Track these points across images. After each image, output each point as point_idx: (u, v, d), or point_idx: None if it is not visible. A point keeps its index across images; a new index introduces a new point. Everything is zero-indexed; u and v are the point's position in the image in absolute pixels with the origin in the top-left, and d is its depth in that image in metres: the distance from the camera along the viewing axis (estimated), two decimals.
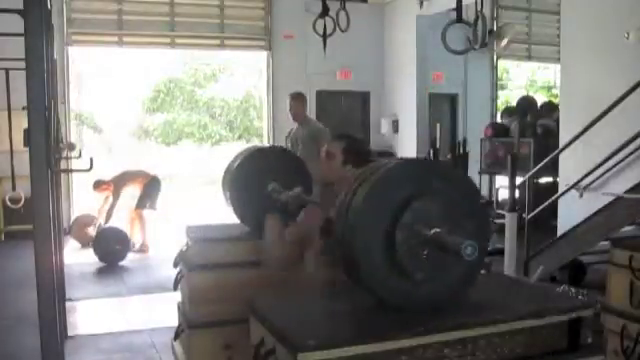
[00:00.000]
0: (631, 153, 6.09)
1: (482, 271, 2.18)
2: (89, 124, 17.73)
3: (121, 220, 8.09)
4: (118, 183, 7.90)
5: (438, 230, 1.87)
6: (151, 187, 7.98)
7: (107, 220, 7.89)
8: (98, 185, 7.99)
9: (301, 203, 3.07)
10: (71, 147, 7.07)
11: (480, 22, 5.29)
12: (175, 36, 9.90)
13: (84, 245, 8.03)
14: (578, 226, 5.80)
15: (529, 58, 12.38)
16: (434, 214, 1.90)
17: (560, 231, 6.60)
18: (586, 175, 6.24)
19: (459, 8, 5.16)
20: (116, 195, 7.88)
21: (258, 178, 3.31)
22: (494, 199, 9.45)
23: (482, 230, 2.01)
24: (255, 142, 17.64)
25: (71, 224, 8.51)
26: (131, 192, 7.97)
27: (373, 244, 1.87)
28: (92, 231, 7.87)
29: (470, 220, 1.95)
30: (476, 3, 5.47)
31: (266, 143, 10.60)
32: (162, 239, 7.99)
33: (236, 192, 3.37)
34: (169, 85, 18.77)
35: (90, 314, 5.50)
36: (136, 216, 7.98)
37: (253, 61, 11.59)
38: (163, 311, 5.04)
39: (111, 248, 7.37)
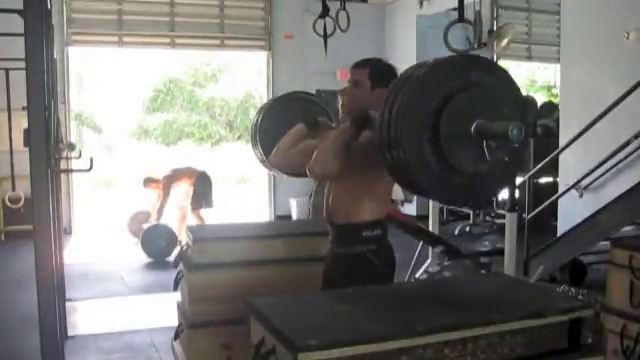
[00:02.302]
0: (631, 153, 6.09)
1: (482, 271, 2.20)
2: (89, 124, 17.73)
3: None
4: (168, 181, 7.98)
5: (481, 121, 1.97)
6: (202, 184, 8.05)
7: (159, 217, 7.95)
8: (148, 182, 8.12)
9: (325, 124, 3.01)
10: (71, 147, 7.07)
11: (479, 22, 5.29)
12: (175, 36, 9.90)
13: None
14: (578, 226, 5.80)
15: (529, 58, 12.37)
16: (476, 106, 2.00)
17: (560, 231, 6.60)
18: (586, 175, 6.24)
19: (461, 7, 5.16)
20: (166, 192, 7.96)
21: (284, 124, 3.27)
22: (494, 199, 9.44)
23: (525, 114, 2.13)
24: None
25: (128, 220, 8.59)
26: (181, 189, 8.05)
27: (420, 140, 1.96)
28: (146, 227, 7.94)
29: (511, 108, 2.05)
30: (474, 3, 5.48)
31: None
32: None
33: (265, 142, 3.42)
34: (169, 85, 18.77)
35: (90, 314, 5.50)
36: (195, 216, 8.02)
37: (253, 61, 11.60)
38: (163, 311, 5.04)
39: (157, 244, 7.53)
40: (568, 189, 6.51)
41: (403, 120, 1.99)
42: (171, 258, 7.28)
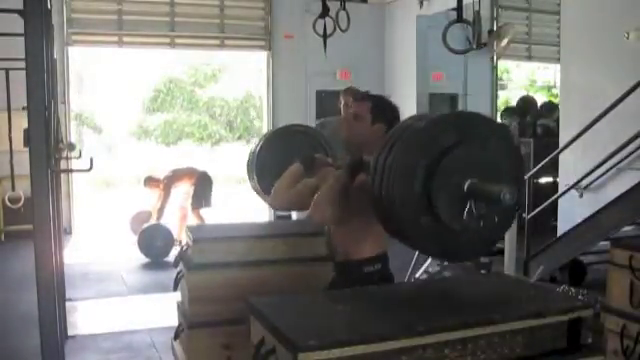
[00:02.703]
0: (631, 153, 6.09)
1: (482, 271, 2.20)
2: (89, 124, 17.74)
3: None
4: (169, 181, 7.99)
5: (474, 180, 1.96)
6: (202, 184, 8.05)
7: (159, 217, 7.95)
8: (149, 182, 8.12)
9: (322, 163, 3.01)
10: (71, 147, 7.07)
11: (478, 22, 5.29)
12: (175, 36, 9.90)
13: None
14: (578, 226, 5.80)
15: (529, 58, 12.37)
16: (471, 163, 1.98)
17: (560, 231, 6.60)
18: (586, 175, 6.24)
19: (460, 7, 5.16)
20: (167, 193, 7.97)
21: (282, 159, 3.30)
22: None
23: (517, 172, 2.11)
24: (255, 142, 17.62)
25: (130, 219, 8.61)
26: (182, 189, 8.06)
27: (411, 197, 1.95)
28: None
29: (504, 164, 2.05)
30: (473, 3, 5.47)
31: None
32: None
33: (261, 176, 3.47)
34: (169, 85, 18.78)
35: (90, 314, 5.50)
36: (195, 216, 8.02)
37: (253, 61, 11.59)
38: (163, 311, 5.04)
39: (154, 245, 7.54)
40: (568, 189, 6.51)
41: (396, 172, 1.97)
42: (169, 258, 7.35)
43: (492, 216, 2.00)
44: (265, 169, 3.50)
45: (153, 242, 7.59)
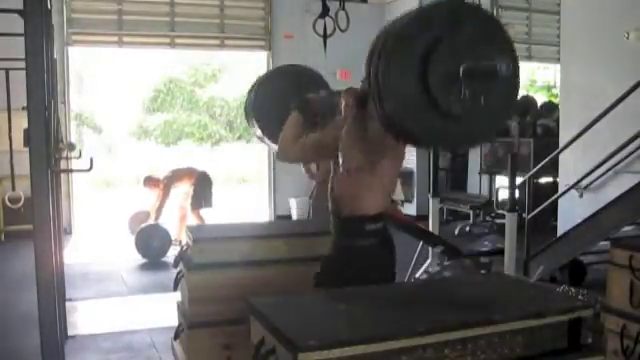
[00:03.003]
0: (631, 153, 6.09)
1: (482, 271, 2.21)
2: (89, 124, 17.74)
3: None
4: (168, 182, 7.97)
5: (469, 63, 2.00)
6: (202, 184, 8.04)
7: (157, 217, 7.94)
8: (148, 181, 8.10)
9: (327, 102, 3.06)
10: (71, 147, 7.07)
11: None
12: (175, 36, 9.90)
13: None
14: (578, 226, 5.79)
15: (529, 58, 12.35)
16: (462, 49, 2.01)
17: (560, 231, 6.60)
18: (586, 175, 6.24)
19: None
20: (166, 193, 7.95)
21: (280, 97, 3.39)
22: (494, 199, 9.46)
23: (507, 46, 2.14)
24: (255, 142, 17.66)
25: (129, 219, 8.62)
26: (182, 189, 8.04)
27: (408, 85, 2.00)
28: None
29: (496, 50, 2.08)
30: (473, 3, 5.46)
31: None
32: None
33: (260, 114, 3.50)
34: (169, 85, 18.77)
35: (90, 314, 5.50)
36: (195, 216, 8.01)
37: (253, 61, 11.59)
38: (163, 311, 5.04)
39: (151, 245, 7.52)
40: (568, 189, 6.51)
41: (391, 72, 2.03)
42: (166, 258, 7.35)
43: (492, 99, 2.04)
44: (263, 114, 3.52)
45: (150, 242, 7.56)
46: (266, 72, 3.65)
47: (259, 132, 3.60)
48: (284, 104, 3.22)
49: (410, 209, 10.06)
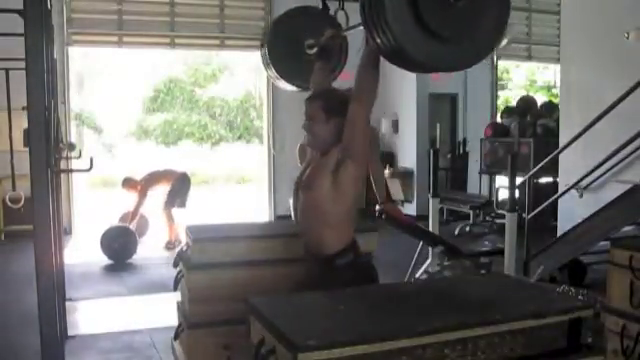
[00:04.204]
0: (631, 153, 6.09)
1: (482, 271, 2.20)
2: (89, 124, 17.74)
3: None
4: (146, 183, 7.97)
5: None
6: (179, 185, 8.03)
7: (132, 219, 7.93)
8: (127, 183, 8.08)
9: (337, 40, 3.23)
10: (71, 147, 7.07)
11: None
12: (175, 36, 9.89)
13: None
14: (578, 226, 5.80)
15: (529, 58, 12.37)
16: None
17: (560, 231, 6.60)
18: (586, 175, 6.24)
19: None
20: (142, 195, 7.94)
21: (295, 38, 3.51)
22: (494, 199, 9.47)
23: None
24: (255, 142, 17.66)
25: (118, 220, 8.54)
26: (162, 191, 8.03)
27: (403, 16, 2.06)
28: (132, 226, 7.90)
29: None
30: None
31: (266, 143, 10.58)
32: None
33: (276, 55, 3.63)
34: (169, 85, 18.78)
35: (90, 314, 5.50)
36: (164, 215, 8.03)
37: (253, 61, 11.58)
38: (163, 311, 5.04)
39: (116, 246, 7.47)
40: (568, 189, 6.51)
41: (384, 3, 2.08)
42: (131, 260, 7.33)
43: (482, 20, 2.10)
44: (276, 55, 3.63)
45: (112, 244, 7.48)
46: (276, 19, 3.79)
47: (273, 72, 3.74)
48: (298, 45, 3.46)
49: (410, 209, 10.07)
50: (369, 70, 2.55)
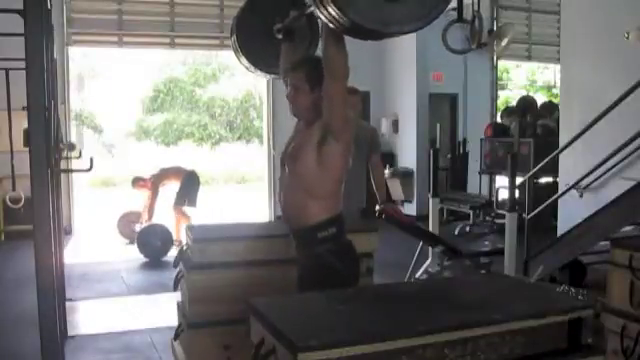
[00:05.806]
0: (631, 153, 6.09)
1: (482, 271, 2.20)
2: (89, 124, 17.75)
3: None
4: (156, 180, 8.01)
5: None
6: (188, 183, 8.05)
7: (150, 217, 7.98)
8: (136, 182, 8.13)
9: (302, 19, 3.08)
10: (71, 147, 7.07)
11: (477, 21, 5.29)
12: (175, 36, 9.90)
13: (131, 241, 8.18)
14: (578, 226, 5.79)
15: (529, 58, 12.38)
16: None
17: (560, 231, 6.60)
18: (586, 175, 6.23)
19: (460, 7, 5.17)
20: (154, 192, 7.99)
21: (264, 22, 3.35)
22: (494, 199, 9.46)
23: None
24: (255, 142, 17.67)
25: (117, 220, 8.63)
26: (171, 188, 8.08)
27: None
28: (137, 228, 7.98)
29: None
30: (472, 3, 5.47)
31: (266, 143, 10.59)
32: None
33: (245, 41, 3.51)
34: (169, 85, 18.79)
35: (90, 314, 5.50)
36: (176, 214, 8.04)
37: None
38: (163, 311, 5.04)
39: (153, 245, 7.57)
40: (568, 189, 6.50)
41: None
42: (167, 258, 7.36)
43: None
44: (246, 44, 3.51)
45: (152, 242, 7.61)
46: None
47: (234, 43, 3.60)
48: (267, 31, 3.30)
49: (410, 209, 10.07)
50: (332, 46, 2.54)
